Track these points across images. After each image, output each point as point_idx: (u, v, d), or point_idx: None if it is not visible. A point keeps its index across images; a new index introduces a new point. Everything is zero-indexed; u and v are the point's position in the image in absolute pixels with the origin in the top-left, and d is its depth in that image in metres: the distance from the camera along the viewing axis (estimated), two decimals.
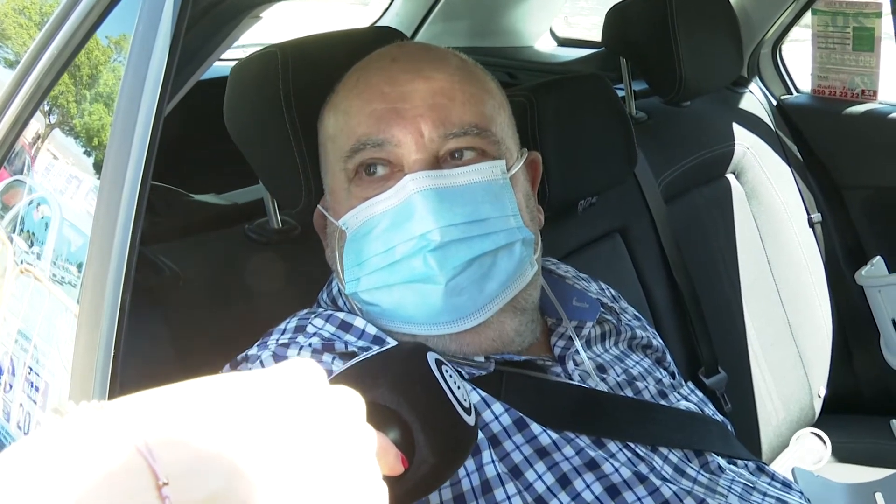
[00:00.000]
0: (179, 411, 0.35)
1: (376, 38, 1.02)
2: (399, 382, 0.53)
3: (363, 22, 2.75)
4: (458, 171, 0.83)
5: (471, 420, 0.55)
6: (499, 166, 0.86)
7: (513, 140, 0.91)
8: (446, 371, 0.56)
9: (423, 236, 0.80)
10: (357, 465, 0.40)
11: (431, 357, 0.56)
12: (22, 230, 0.96)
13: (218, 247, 1.12)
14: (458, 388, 0.55)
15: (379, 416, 0.48)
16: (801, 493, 0.97)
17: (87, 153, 0.87)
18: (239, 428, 0.36)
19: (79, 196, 0.85)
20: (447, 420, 0.53)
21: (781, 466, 1.66)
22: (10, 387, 0.91)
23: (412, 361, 0.55)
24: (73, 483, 0.31)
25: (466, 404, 0.55)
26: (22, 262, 0.93)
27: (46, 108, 0.94)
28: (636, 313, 1.12)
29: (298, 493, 0.36)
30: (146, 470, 0.32)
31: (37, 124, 0.95)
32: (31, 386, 0.87)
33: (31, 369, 0.88)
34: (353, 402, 0.42)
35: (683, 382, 1.04)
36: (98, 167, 0.83)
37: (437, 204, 0.80)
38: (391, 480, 0.45)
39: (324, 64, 0.97)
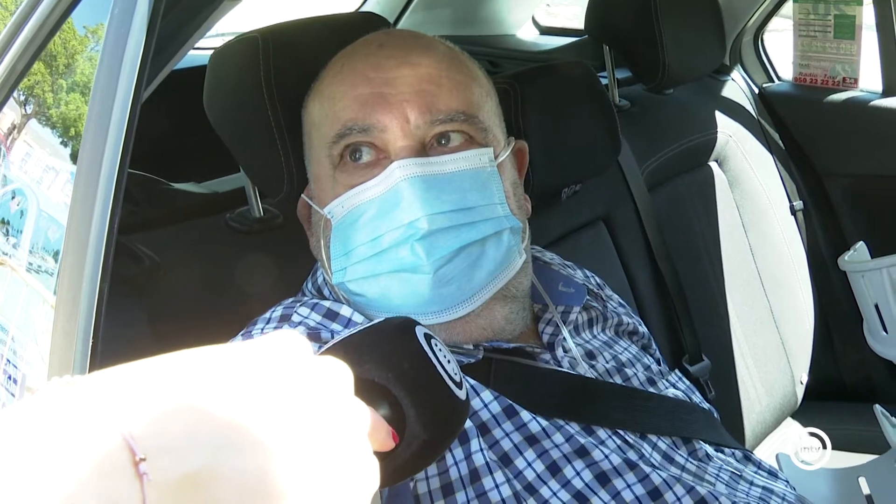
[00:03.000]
0: (158, 385, 0.33)
1: (360, 24, 1.00)
2: (387, 357, 0.51)
3: (343, 10, 2.73)
4: (446, 159, 0.82)
5: (462, 394, 0.54)
6: (486, 154, 0.85)
7: (500, 129, 0.91)
8: (436, 345, 0.54)
9: (411, 224, 0.79)
10: (347, 439, 0.39)
11: (420, 331, 0.54)
12: None
13: (198, 236, 1.11)
14: (449, 362, 0.54)
15: (368, 392, 0.46)
16: (787, 481, 0.97)
17: (65, 143, 0.85)
18: (220, 402, 0.34)
19: (56, 187, 0.84)
20: (438, 394, 0.52)
21: (764, 452, 1.67)
22: None
23: (401, 335, 0.54)
24: (46, 460, 0.30)
25: (457, 378, 0.54)
26: (3, 255, 0.91)
27: (22, 98, 0.92)
28: (621, 301, 1.12)
29: (286, 468, 0.35)
30: (123, 446, 0.31)
31: (12, 114, 0.93)
32: (10, 378, 0.85)
33: (8, 361, 0.87)
34: (341, 374, 0.41)
35: (670, 370, 1.04)
36: (76, 157, 0.81)
37: (425, 192, 0.79)
38: (382, 456, 0.44)
39: (306, 50, 0.96)
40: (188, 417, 0.33)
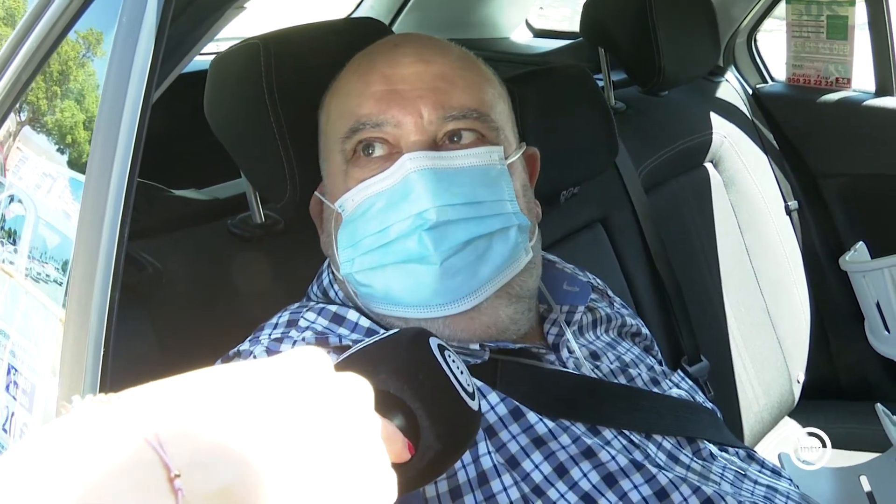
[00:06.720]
0: (188, 402, 0.35)
1: (360, 30, 1.01)
2: (402, 368, 0.52)
3: (336, 14, 2.73)
4: (456, 154, 0.83)
5: (475, 405, 0.54)
6: (496, 152, 0.86)
7: (512, 132, 0.91)
8: (449, 356, 0.55)
9: (420, 215, 0.80)
10: (366, 453, 0.40)
11: (434, 342, 0.55)
12: None
13: (200, 242, 1.10)
14: (462, 372, 0.55)
15: (383, 403, 0.47)
16: (790, 479, 0.97)
17: (61, 150, 0.85)
18: (248, 418, 0.35)
19: (53, 194, 0.84)
20: (452, 405, 0.53)
21: (763, 452, 1.68)
22: None
23: (414, 347, 0.54)
24: (85, 477, 0.31)
25: (470, 389, 0.55)
26: (3, 262, 0.91)
27: (17, 105, 0.92)
28: (623, 303, 1.13)
29: (309, 483, 0.36)
30: (157, 462, 0.32)
31: (7, 122, 0.93)
32: (15, 385, 0.85)
33: (12, 367, 0.87)
34: (361, 390, 0.42)
35: (672, 371, 1.04)
36: (72, 164, 0.81)
37: (435, 184, 0.80)
38: (397, 467, 0.45)
39: (307, 56, 0.96)
40: (217, 434, 0.34)
